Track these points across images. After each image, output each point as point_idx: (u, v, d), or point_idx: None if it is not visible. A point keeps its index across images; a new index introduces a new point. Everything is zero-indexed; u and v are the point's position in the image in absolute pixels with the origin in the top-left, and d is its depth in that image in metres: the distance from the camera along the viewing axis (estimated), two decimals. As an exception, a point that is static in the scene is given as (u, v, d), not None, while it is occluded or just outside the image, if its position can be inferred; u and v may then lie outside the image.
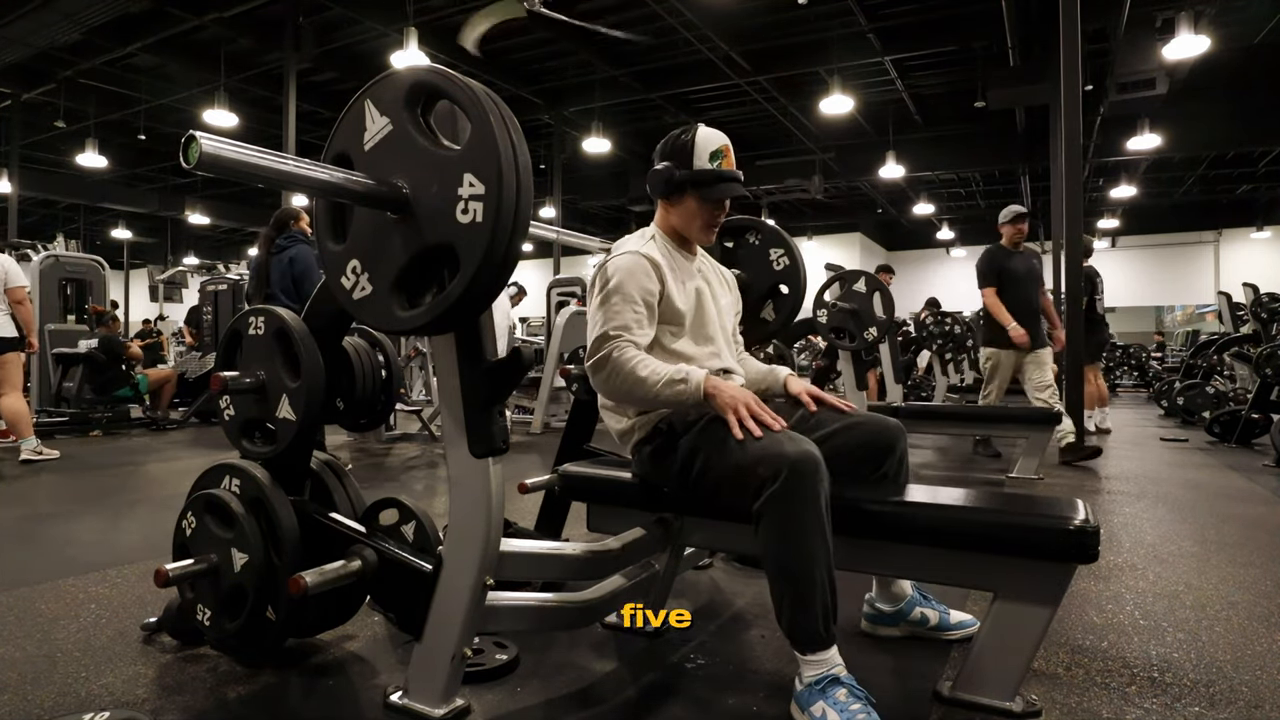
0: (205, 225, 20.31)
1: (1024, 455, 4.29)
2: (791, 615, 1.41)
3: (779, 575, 1.43)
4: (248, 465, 1.67)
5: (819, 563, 1.39)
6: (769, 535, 1.43)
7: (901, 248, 23.71)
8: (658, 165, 1.74)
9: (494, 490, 1.41)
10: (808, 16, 9.72)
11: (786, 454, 1.41)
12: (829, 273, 4.24)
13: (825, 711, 1.34)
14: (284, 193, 10.36)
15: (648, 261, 1.67)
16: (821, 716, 1.35)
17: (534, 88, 12.21)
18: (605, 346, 1.61)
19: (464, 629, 1.41)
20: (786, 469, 1.40)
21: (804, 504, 1.40)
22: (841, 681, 1.37)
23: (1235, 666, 1.71)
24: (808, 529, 1.39)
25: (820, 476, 1.41)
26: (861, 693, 1.37)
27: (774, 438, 1.47)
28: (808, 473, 1.40)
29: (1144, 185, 16.70)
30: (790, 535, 1.40)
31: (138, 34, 9.92)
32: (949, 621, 1.80)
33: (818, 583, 1.39)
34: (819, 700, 1.36)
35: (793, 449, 1.42)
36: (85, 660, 1.72)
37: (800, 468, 1.40)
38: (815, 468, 1.41)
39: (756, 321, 2.40)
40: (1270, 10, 9.24)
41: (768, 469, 1.41)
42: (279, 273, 3.99)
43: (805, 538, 1.39)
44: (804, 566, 1.39)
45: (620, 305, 1.63)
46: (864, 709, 1.34)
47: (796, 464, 1.40)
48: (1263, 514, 3.35)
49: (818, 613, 1.39)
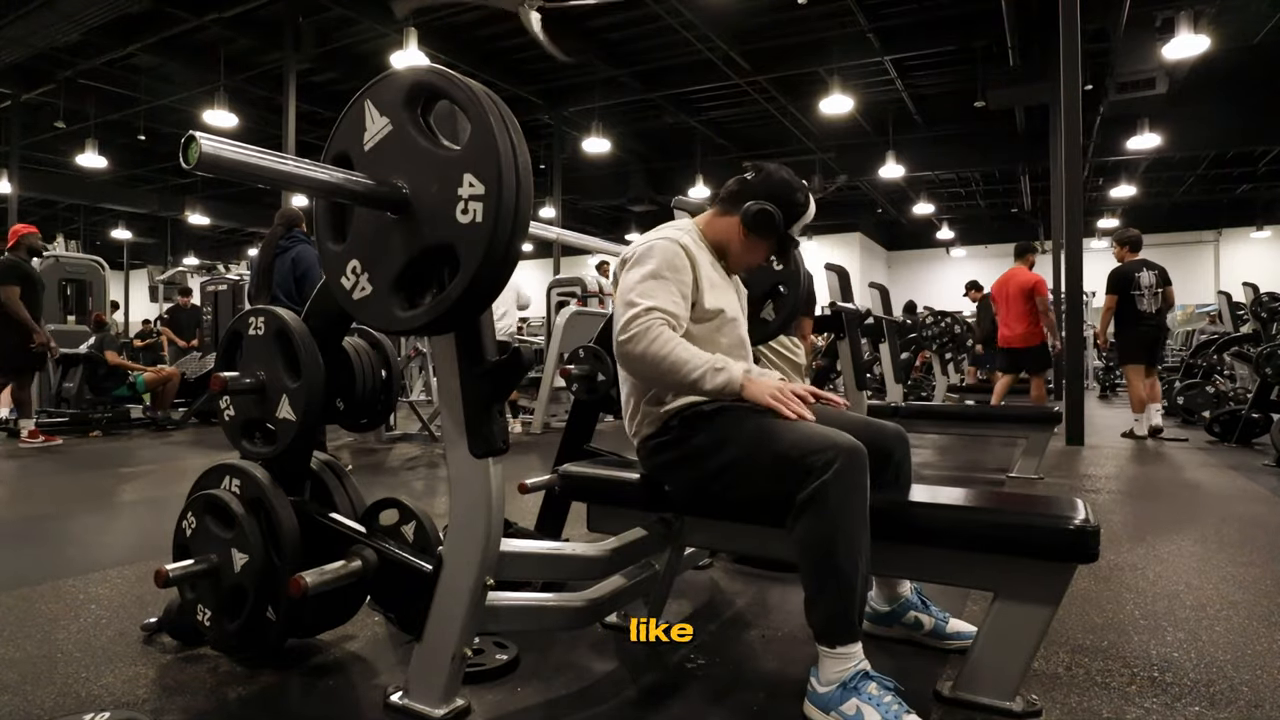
0: (205, 225, 20.32)
1: (1024, 455, 4.29)
2: (830, 606, 1.40)
3: (822, 565, 1.40)
4: (248, 465, 1.67)
5: (863, 552, 1.40)
6: (815, 525, 1.41)
7: (901, 248, 23.73)
8: (765, 206, 1.70)
9: (494, 490, 1.41)
10: (808, 16, 9.73)
11: (840, 443, 1.42)
12: (829, 273, 4.23)
13: (860, 709, 1.33)
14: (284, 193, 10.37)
15: (685, 253, 1.65)
16: (857, 714, 1.33)
17: (534, 88, 12.22)
18: (644, 321, 1.55)
19: (464, 629, 1.41)
20: (842, 457, 1.40)
21: (857, 493, 1.40)
22: (870, 675, 1.37)
23: (1235, 666, 1.71)
24: (858, 518, 1.40)
25: (867, 468, 1.43)
26: (890, 683, 1.37)
27: (819, 428, 1.48)
28: (859, 463, 1.41)
29: (1144, 185, 16.73)
30: (841, 524, 1.39)
31: (138, 34, 9.93)
32: (944, 630, 1.78)
33: (860, 573, 1.39)
34: (851, 698, 1.35)
35: (844, 439, 1.43)
36: (85, 660, 1.72)
37: (854, 457, 1.41)
38: (865, 459, 1.42)
39: (756, 321, 2.40)
40: (1270, 10, 9.25)
41: (820, 458, 1.41)
42: (281, 273, 3.98)
43: (855, 527, 1.40)
44: (851, 556, 1.39)
45: (659, 287, 1.60)
46: (896, 699, 1.34)
47: (851, 452, 1.41)
48: (1263, 514, 3.35)
49: (856, 604, 1.39)
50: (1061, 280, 6.82)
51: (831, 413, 1.71)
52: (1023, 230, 20.70)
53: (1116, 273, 6.05)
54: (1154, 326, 5.99)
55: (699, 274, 1.67)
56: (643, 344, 1.54)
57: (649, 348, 1.53)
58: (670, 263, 1.62)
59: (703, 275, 1.68)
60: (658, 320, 1.55)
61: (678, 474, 1.67)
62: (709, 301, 1.68)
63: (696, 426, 1.61)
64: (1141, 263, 6.00)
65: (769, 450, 1.49)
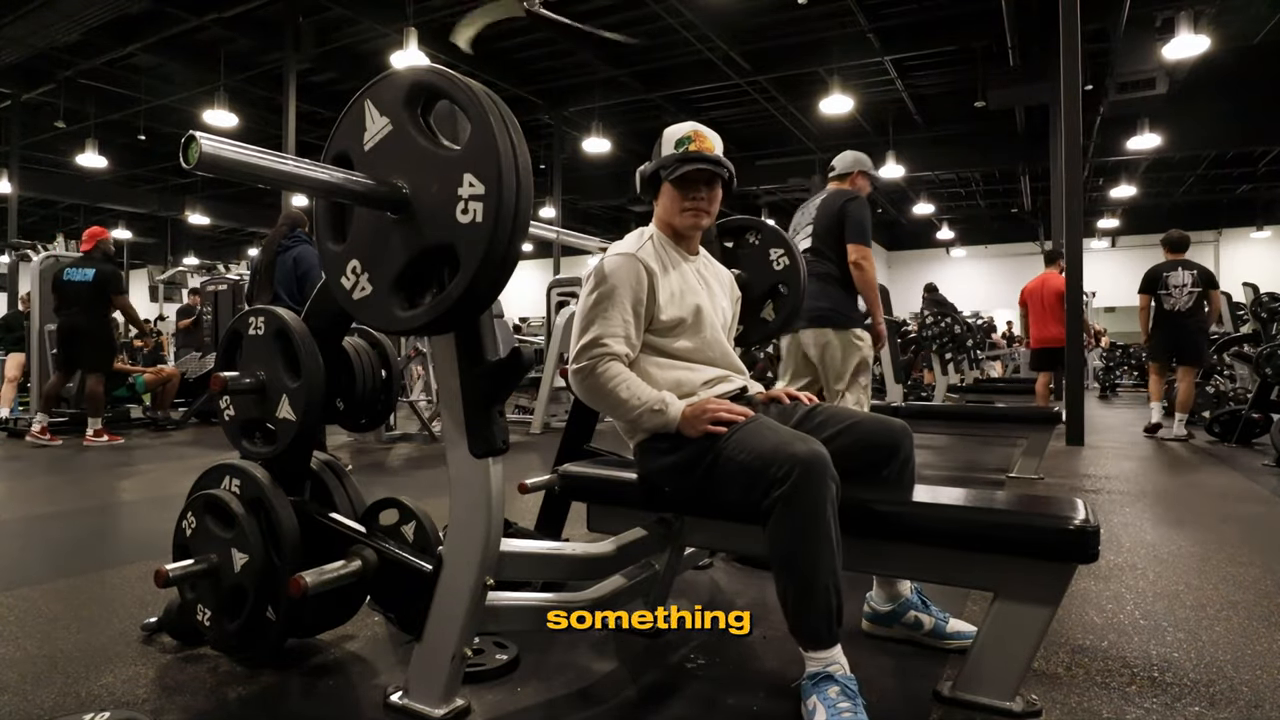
0: (205, 225, 20.32)
1: (1024, 455, 4.29)
2: (795, 613, 1.41)
3: (784, 574, 1.43)
4: (248, 465, 1.67)
5: (824, 565, 1.39)
6: (776, 534, 1.42)
7: (901, 248, 23.73)
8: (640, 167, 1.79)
9: (494, 490, 1.41)
10: (808, 16, 9.73)
11: (797, 454, 1.42)
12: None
13: (816, 706, 1.35)
14: (284, 193, 10.37)
15: (640, 265, 1.67)
16: (813, 710, 1.35)
17: (534, 88, 12.22)
18: (589, 357, 1.63)
19: (464, 629, 1.41)
20: (798, 469, 1.40)
21: (813, 505, 1.40)
22: (835, 680, 1.37)
23: (1235, 666, 1.71)
24: (815, 530, 1.39)
25: (829, 477, 1.41)
26: (853, 692, 1.36)
27: (784, 438, 1.47)
28: (816, 473, 1.40)
29: (1144, 185, 16.72)
30: (797, 535, 1.40)
31: (138, 34, 9.93)
32: (944, 630, 1.78)
33: (821, 585, 1.39)
34: (812, 694, 1.37)
35: (803, 449, 1.43)
36: (85, 660, 1.72)
37: (810, 468, 1.40)
38: (824, 468, 1.41)
39: (756, 321, 2.40)
40: (1270, 10, 9.24)
41: (779, 469, 1.41)
42: (283, 272, 3.99)
43: (812, 539, 1.39)
44: (809, 567, 1.39)
45: (610, 311, 1.63)
46: (852, 708, 1.33)
47: (807, 464, 1.40)
48: (1263, 514, 3.35)
49: (820, 614, 1.39)
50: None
51: (839, 410, 1.73)
52: (1023, 230, 20.72)
53: (1146, 273, 6.13)
54: (1181, 326, 5.92)
55: (656, 284, 1.68)
56: (587, 382, 1.64)
57: (592, 387, 1.64)
58: (620, 275, 1.65)
59: (661, 286, 1.69)
60: (604, 357, 1.62)
61: (671, 478, 1.67)
62: (667, 313, 1.69)
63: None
64: (1175, 262, 6.02)
65: (735, 461, 1.51)
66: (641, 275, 1.66)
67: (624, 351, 1.64)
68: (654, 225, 1.83)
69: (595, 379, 1.62)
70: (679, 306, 1.71)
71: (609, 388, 1.61)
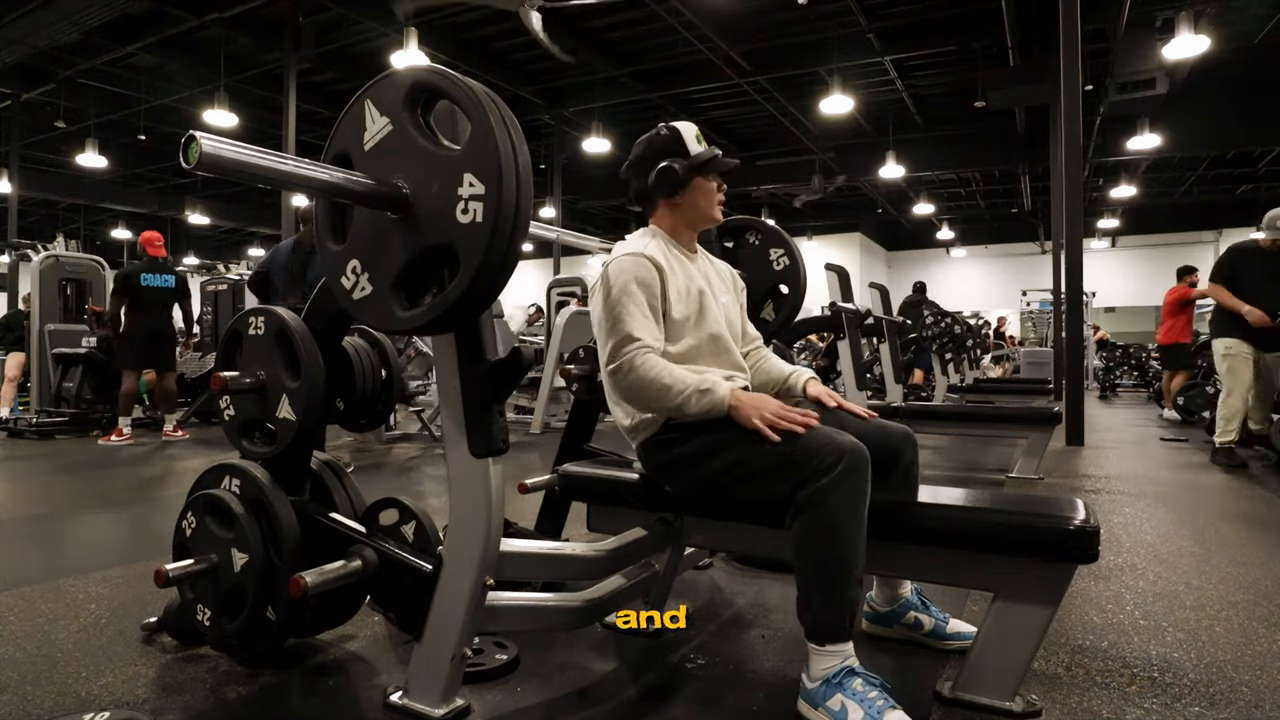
0: (205, 225, 20.33)
1: (1024, 455, 4.29)
2: (821, 606, 1.40)
3: (816, 565, 1.41)
4: (248, 465, 1.67)
5: (858, 555, 1.40)
6: (813, 525, 1.41)
7: (901, 248, 23.72)
8: (661, 165, 1.73)
9: (494, 490, 1.41)
10: (808, 16, 9.73)
11: (843, 445, 1.42)
12: (829, 273, 4.23)
13: (845, 704, 1.34)
14: (284, 193, 10.37)
15: (649, 263, 1.66)
16: (841, 710, 1.34)
17: (534, 88, 12.22)
18: (625, 352, 1.60)
19: (464, 629, 1.41)
20: (845, 460, 1.40)
21: (856, 496, 1.41)
22: (856, 671, 1.37)
23: (1235, 666, 1.71)
24: (855, 521, 1.41)
25: (869, 470, 1.43)
26: (876, 679, 1.37)
27: (823, 430, 1.48)
28: (861, 465, 1.41)
29: (1144, 185, 16.71)
30: (837, 526, 1.40)
31: (138, 34, 9.93)
32: (944, 630, 1.78)
33: (854, 576, 1.40)
34: (836, 694, 1.36)
35: (848, 441, 1.43)
36: (85, 660, 1.72)
37: (856, 459, 1.41)
38: (867, 462, 1.42)
39: (756, 321, 2.40)
40: (1270, 10, 9.25)
41: (822, 460, 1.41)
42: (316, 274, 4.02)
43: (852, 529, 1.40)
44: (845, 558, 1.39)
45: (631, 308, 1.62)
46: (881, 695, 1.34)
47: (854, 455, 1.41)
48: (1263, 514, 3.35)
49: (848, 605, 1.40)
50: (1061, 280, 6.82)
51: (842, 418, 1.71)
52: (1023, 230, 20.72)
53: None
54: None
55: (666, 282, 1.68)
56: (627, 377, 1.60)
57: (634, 381, 1.59)
58: (633, 274, 1.64)
59: (670, 284, 1.69)
60: (639, 349, 1.59)
61: (678, 475, 1.67)
62: (676, 310, 1.69)
63: (696, 429, 1.61)
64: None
65: (773, 451, 1.49)
66: (653, 273, 1.66)
67: (655, 344, 1.62)
68: (656, 226, 1.82)
69: (636, 373, 1.58)
70: (686, 304, 1.71)
71: (650, 376, 1.57)
